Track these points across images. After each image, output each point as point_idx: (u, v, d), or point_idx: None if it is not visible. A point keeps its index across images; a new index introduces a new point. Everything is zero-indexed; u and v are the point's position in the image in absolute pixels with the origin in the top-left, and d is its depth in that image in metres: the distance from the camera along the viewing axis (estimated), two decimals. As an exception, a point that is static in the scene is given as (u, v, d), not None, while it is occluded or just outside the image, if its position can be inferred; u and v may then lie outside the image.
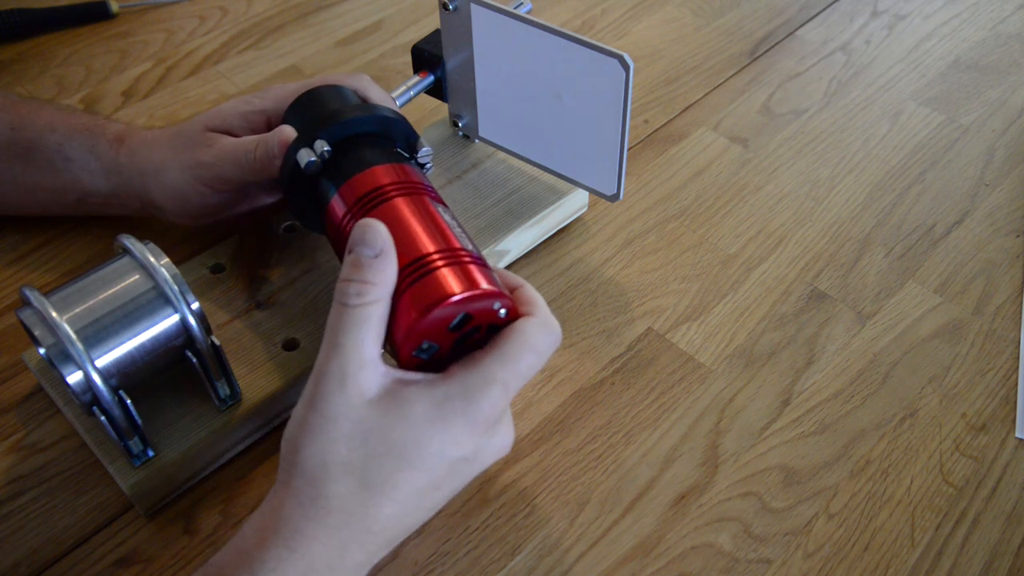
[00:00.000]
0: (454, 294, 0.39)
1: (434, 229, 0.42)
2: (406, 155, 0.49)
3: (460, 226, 0.44)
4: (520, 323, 0.40)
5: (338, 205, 0.45)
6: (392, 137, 0.49)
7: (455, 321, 0.39)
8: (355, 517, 0.36)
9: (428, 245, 0.41)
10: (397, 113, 0.49)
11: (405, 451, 0.36)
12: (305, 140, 0.47)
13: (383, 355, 0.39)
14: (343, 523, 0.36)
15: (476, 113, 0.59)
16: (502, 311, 0.40)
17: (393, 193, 0.44)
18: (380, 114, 0.48)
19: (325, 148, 0.46)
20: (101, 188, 0.55)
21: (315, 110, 0.50)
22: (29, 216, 0.60)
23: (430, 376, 0.39)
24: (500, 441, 0.40)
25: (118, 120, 0.58)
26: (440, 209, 0.44)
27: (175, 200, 0.53)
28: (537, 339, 0.39)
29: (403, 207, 0.43)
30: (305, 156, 0.46)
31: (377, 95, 0.53)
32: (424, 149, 0.50)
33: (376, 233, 0.39)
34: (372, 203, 0.44)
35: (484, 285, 0.40)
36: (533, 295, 0.42)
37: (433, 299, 0.38)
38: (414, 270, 0.40)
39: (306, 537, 0.36)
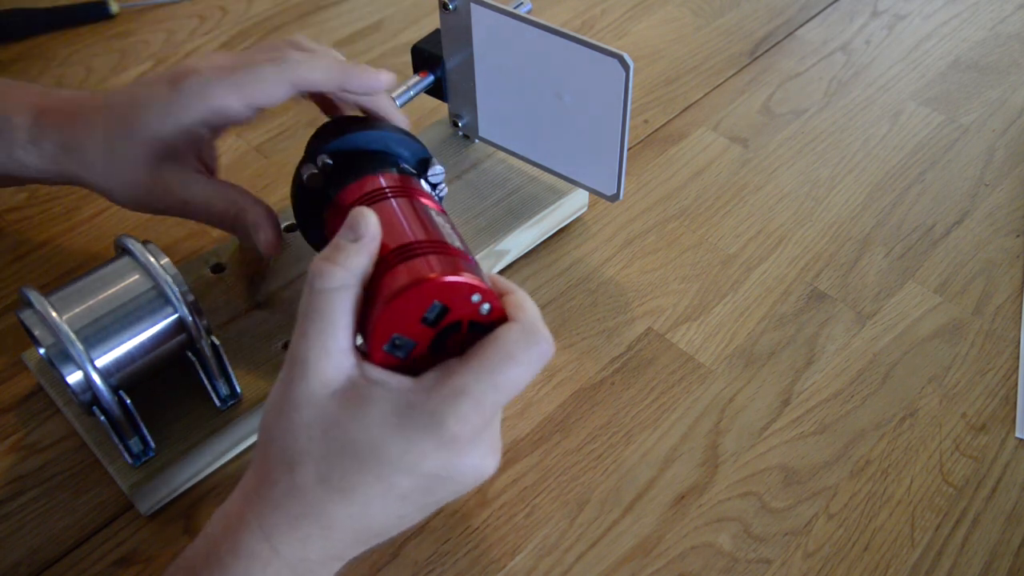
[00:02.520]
0: (425, 278, 0.36)
1: (423, 225, 0.40)
2: (413, 171, 0.48)
3: (456, 232, 0.42)
4: (501, 329, 0.36)
5: (333, 211, 0.45)
6: (399, 154, 0.48)
7: (429, 312, 0.36)
8: (313, 510, 0.35)
9: (412, 236, 0.39)
10: (407, 133, 0.48)
11: (362, 454, 0.34)
12: (309, 156, 0.47)
13: (358, 348, 0.37)
14: (302, 514, 0.35)
15: (476, 113, 0.59)
16: (484, 306, 0.37)
17: (389, 194, 0.43)
18: (387, 131, 0.47)
19: (326, 160, 0.46)
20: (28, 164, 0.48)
21: (329, 132, 0.49)
22: None
23: (399, 378, 0.36)
24: (478, 462, 0.36)
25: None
26: (434, 213, 0.43)
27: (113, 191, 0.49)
28: (518, 348, 0.35)
29: (395, 206, 0.42)
30: (307, 170, 0.46)
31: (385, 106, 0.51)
32: (435, 168, 0.49)
33: (363, 219, 0.37)
34: (366, 204, 0.43)
35: (463, 275, 0.36)
36: (523, 300, 0.38)
37: (403, 283, 0.36)
38: (394, 259, 0.37)
39: (271, 524, 0.35)
